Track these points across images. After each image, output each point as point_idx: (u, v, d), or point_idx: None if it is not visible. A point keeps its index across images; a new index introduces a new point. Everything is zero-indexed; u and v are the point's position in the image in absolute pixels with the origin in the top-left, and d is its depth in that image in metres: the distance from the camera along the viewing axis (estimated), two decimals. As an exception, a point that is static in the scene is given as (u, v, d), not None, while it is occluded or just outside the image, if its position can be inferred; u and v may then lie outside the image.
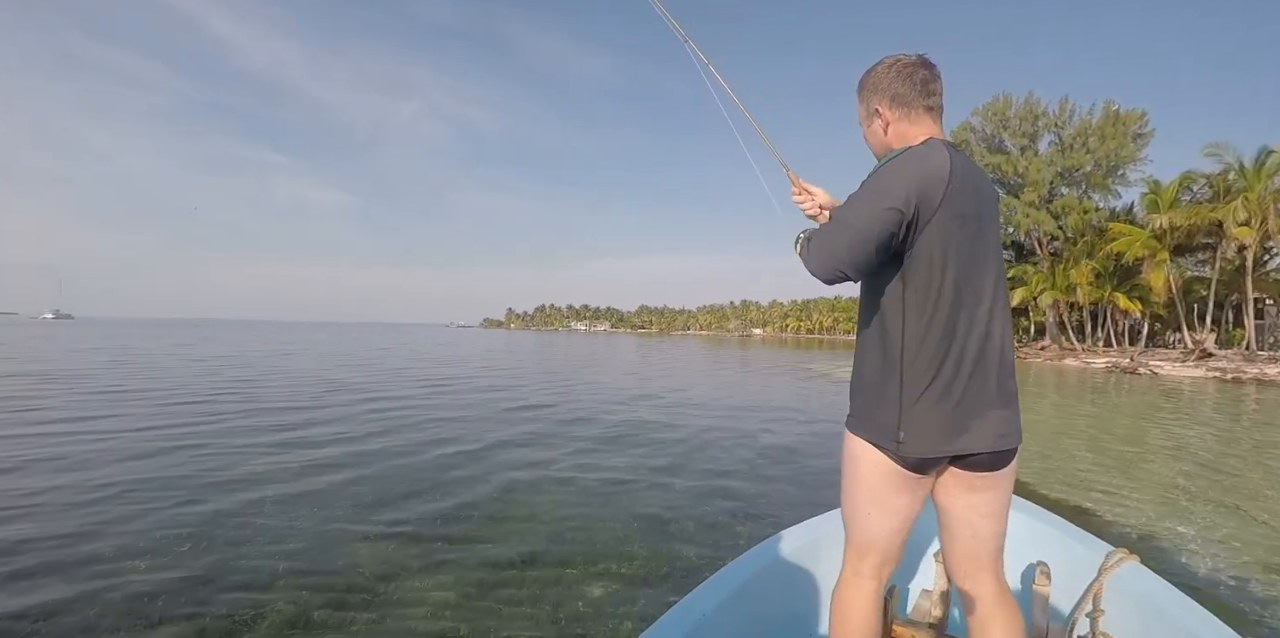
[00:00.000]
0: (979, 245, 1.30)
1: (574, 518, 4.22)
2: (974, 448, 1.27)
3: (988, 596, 1.41)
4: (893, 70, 1.38)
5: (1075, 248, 36.51)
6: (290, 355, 23.65)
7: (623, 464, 5.89)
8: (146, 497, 4.46)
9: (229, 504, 4.31)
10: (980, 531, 1.39)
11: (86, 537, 3.69)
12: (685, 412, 9.93)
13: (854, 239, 1.20)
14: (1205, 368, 23.79)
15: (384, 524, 3.99)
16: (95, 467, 5.35)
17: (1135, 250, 29.87)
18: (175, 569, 3.25)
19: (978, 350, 1.27)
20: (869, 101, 1.41)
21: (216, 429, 7.22)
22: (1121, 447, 7.81)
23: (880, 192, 1.22)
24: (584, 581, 3.23)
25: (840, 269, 1.23)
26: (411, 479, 5.13)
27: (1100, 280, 34.14)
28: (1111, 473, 6.16)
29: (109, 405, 9.04)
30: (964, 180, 1.26)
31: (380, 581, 3.17)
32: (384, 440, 6.80)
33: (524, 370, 18.68)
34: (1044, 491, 5.43)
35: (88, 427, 7.19)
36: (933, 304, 1.25)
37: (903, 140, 1.36)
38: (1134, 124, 35.88)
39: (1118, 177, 37.29)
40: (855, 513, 1.42)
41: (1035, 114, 39.05)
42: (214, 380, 12.96)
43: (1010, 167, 38.84)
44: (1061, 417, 10.90)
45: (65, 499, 4.38)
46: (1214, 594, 3.30)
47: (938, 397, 1.25)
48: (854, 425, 1.39)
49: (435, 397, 11.10)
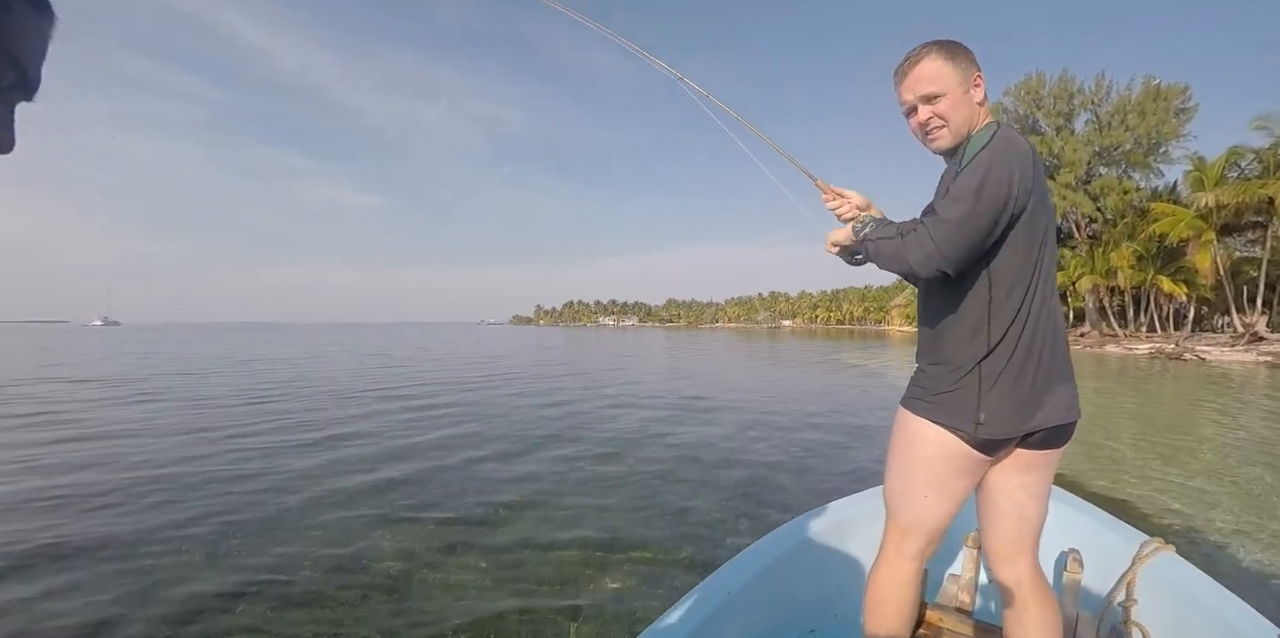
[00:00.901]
0: (1047, 218, 1.30)
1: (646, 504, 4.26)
2: (1048, 423, 1.27)
3: (1025, 580, 1.40)
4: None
5: (1115, 230, 35.39)
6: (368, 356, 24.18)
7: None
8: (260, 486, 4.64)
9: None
10: (1027, 511, 1.39)
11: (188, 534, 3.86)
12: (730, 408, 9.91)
13: (967, 236, 1.17)
14: (1256, 353, 22.83)
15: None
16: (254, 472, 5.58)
17: (1179, 231, 28.80)
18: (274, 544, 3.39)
19: (1049, 326, 1.29)
20: (969, 70, 1.35)
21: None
22: (1165, 436, 7.54)
23: (994, 183, 1.18)
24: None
25: (947, 269, 1.20)
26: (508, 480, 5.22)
27: (1142, 263, 33.03)
28: (1154, 463, 5.95)
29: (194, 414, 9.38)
30: (1036, 161, 1.27)
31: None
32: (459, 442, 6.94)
33: (576, 369, 18.84)
34: (1083, 481, 5.27)
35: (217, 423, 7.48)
36: (1019, 284, 1.26)
37: (978, 120, 1.37)
38: (1176, 99, 34.43)
39: (1159, 154, 35.90)
40: (909, 494, 1.39)
41: (1070, 92, 37.78)
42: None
43: (1045, 147, 37.66)
44: (1102, 405, 10.56)
45: (156, 495, 4.57)
46: (1253, 588, 3.19)
47: (1016, 376, 1.25)
48: (920, 408, 1.35)
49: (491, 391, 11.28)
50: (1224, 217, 27.76)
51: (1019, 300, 1.26)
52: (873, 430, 7.63)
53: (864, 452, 6.36)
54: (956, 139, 1.36)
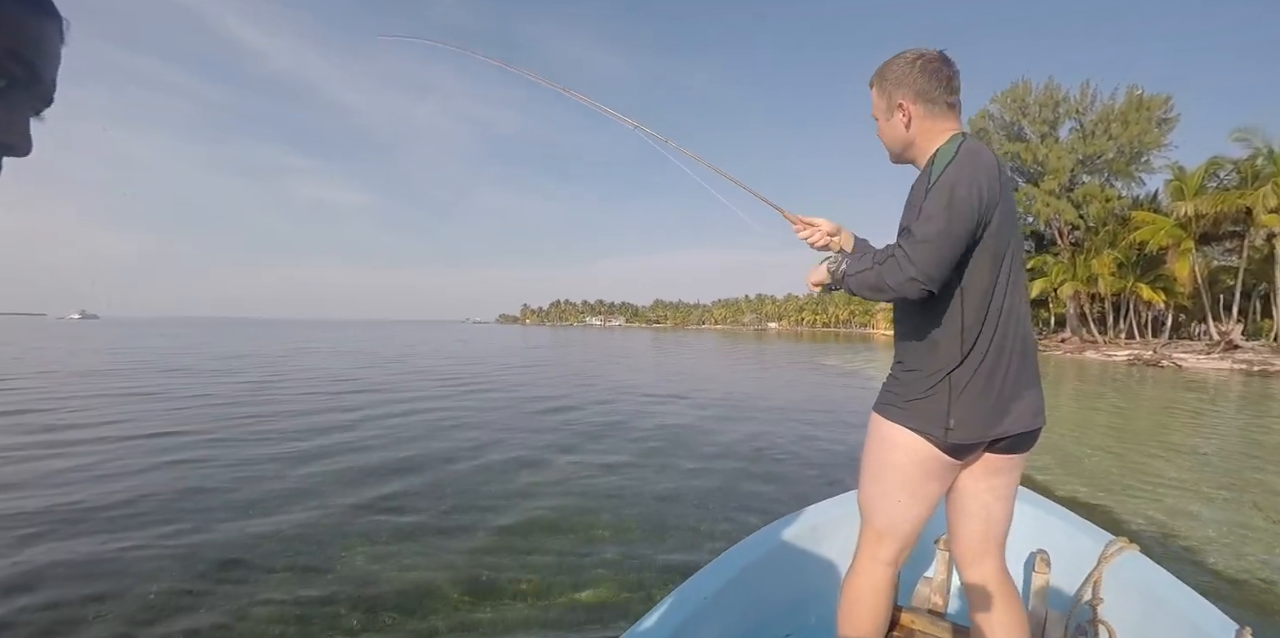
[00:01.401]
0: (1013, 228, 1.33)
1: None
2: (1015, 429, 1.31)
3: (992, 581, 1.44)
4: (917, 66, 1.37)
5: (1097, 237, 35.84)
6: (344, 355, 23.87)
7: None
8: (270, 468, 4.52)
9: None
10: (994, 513, 1.44)
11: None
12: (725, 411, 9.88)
13: (943, 253, 1.20)
14: (1231, 360, 23.24)
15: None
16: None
17: (1159, 239, 29.27)
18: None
19: (1017, 334, 1.32)
20: (891, 95, 1.40)
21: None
22: (1140, 441, 7.62)
23: (962, 200, 1.21)
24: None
25: (930, 287, 1.22)
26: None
27: (1123, 271, 33.48)
28: (1128, 467, 5.99)
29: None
30: (1002, 171, 1.30)
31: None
32: (438, 444, 6.83)
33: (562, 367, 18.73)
34: (1057, 482, 5.30)
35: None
36: (988, 295, 1.29)
37: (926, 135, 1.38)
38: (1158, 109, 34.98)
39: (1141, 163, 36.42)
40: (883, 499, 1.41)
41: (1056, 100, 38.24)
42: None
43: (1030, 154, 38.12)
44: (1080, 410, 10.68)
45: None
46: (1215, 586, 3.25)
47: (984, 384, 1.29)
48: (893, 414, 1.37)
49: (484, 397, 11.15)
50: (1203, 226, 28.26)
51: (988, 311, 1.30)
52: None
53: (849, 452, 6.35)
54: (898, 159, 1.48)
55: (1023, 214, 41.60)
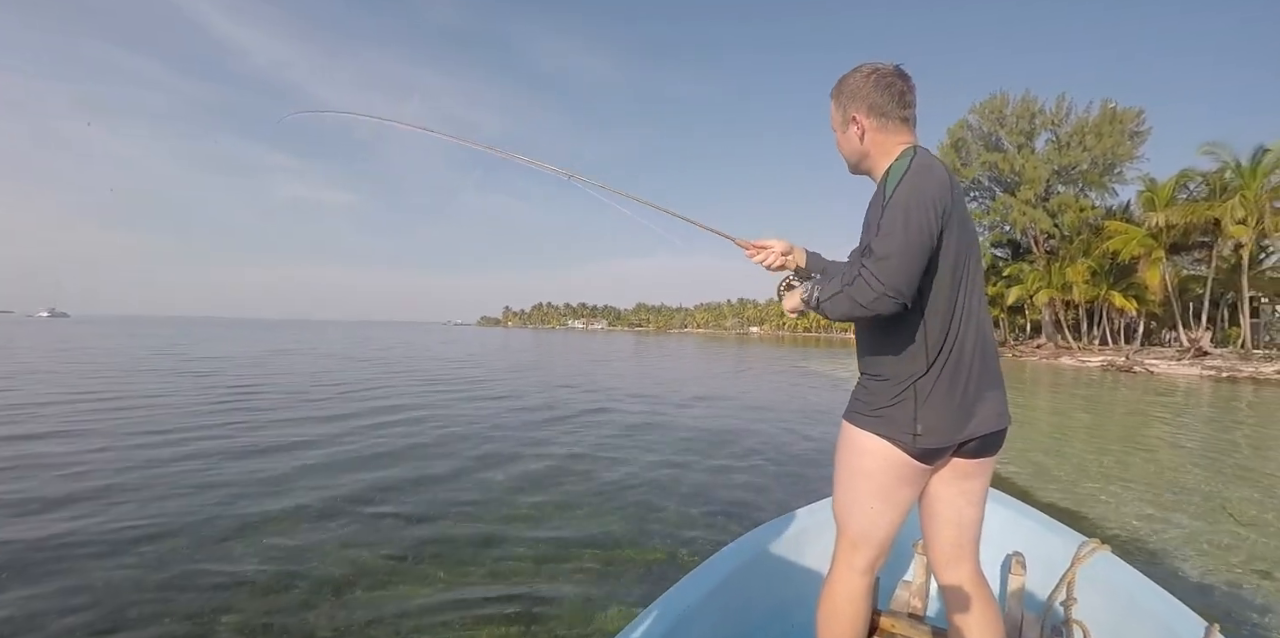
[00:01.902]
0: (969, 237, 1.37)
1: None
2: (980, 431, 1.35)
3: (967, 583, 1.47)
4: (871, 80, 1.40)
5: (1072, 246, 36.47)
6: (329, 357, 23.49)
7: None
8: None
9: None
10: (965, 517, 1.46)
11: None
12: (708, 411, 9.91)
13: (908, 267, 1.22)
14: (1201, 367, 23.80)
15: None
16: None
17: (1131, 248, 29.84)
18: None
19: (976, 338, 1.36)
20: (846, 108, 1.44)
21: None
22: (1113, 445, 7.77)
23: (918, 214, 1.24)
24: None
25: (902, 300, 1.23)
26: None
27: (1096, 278, 34.09)
28: (1101, 471, 6.11)
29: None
30: (952, 178, 1.33)
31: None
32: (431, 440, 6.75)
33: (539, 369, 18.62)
34: (1032, 487, 5.39)
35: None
36: (947, 305, 1.33)
37: (879, 148, 1.42)
38: (1131, 122, 35.87)
39: (1114, 175, 37.29)
40: (857, 507, 1.44)
41: (1032, 112, 39.03)
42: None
43: (1007, 164, 38.82)
44: (1054, 415, 10.88)
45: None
46: (1185, 585, 3.34)
47: (948, 390, 1.32)
48: (862, 421, 1.40)
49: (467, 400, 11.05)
50: (1173, 236, 28.93)
51: (948, 320, 1.33)
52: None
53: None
54: (854, 170, 1.51)
55: (1000, 222, 42.37)
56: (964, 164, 41.66)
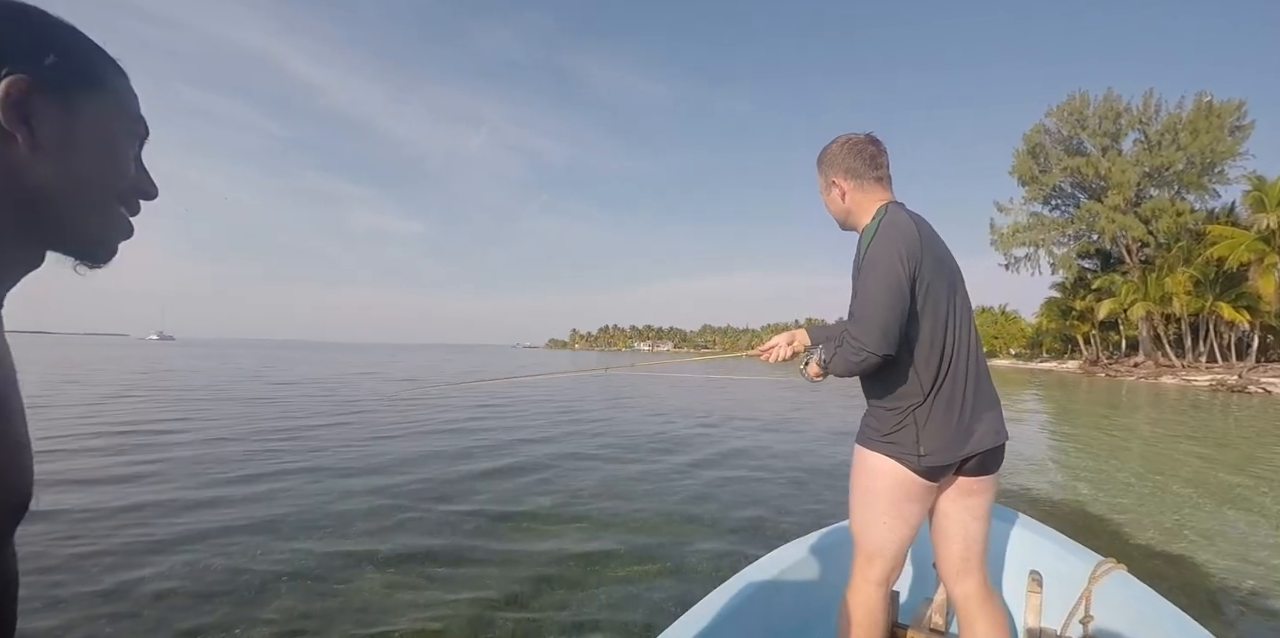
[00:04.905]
0: (948, 274, 1.51)
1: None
2: (979, 448, 1.47)
3: (974, 596, 1.58)
4: (845, 148, 1.60)
5: (1170, 254, 33.94)
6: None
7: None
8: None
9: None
10: (971, 531, 1.58)
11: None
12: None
13: (885, 324, 1.38)
14: (1332, 385, 20.99)
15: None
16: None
17: (1239, 254, 27.40)
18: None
19: (966, 365, 1.50)
20: (827, 174, 1.63)
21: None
22: (1229, 477, 6.63)
23: (887, 271, 1.40)
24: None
25: (884, 353, 1.39)
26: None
27: (1200, 289, 31.55)
28: (1211, 512, 5.10)
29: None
30: (920, 227, 1.49)
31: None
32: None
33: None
34: (1132, 534, 4.41)
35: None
36: (935, 341, 1.46)
37: (859, 206, 1.60)
38: (1231, 115, 32.88)
39: (1215, 174, 34.25)
40: (871, 523, 1.55)
41: (1117, 111, 36.50)
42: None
43: (1091, 168, 36.39)
44: (1155, 443, 9.49)
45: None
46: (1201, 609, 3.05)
47: (944, 414, 1.45)
48: (873, 445, 1.53)
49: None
50: (1289, 239, 26.07)
51: (939, 354, 1.46)
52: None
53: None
54: (843, 227, 1.69)
55: (1085, 231, 39.57)
56: (1042, 171, 39.35)
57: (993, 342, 74.24)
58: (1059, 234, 40.77)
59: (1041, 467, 7.00)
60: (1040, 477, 6.42)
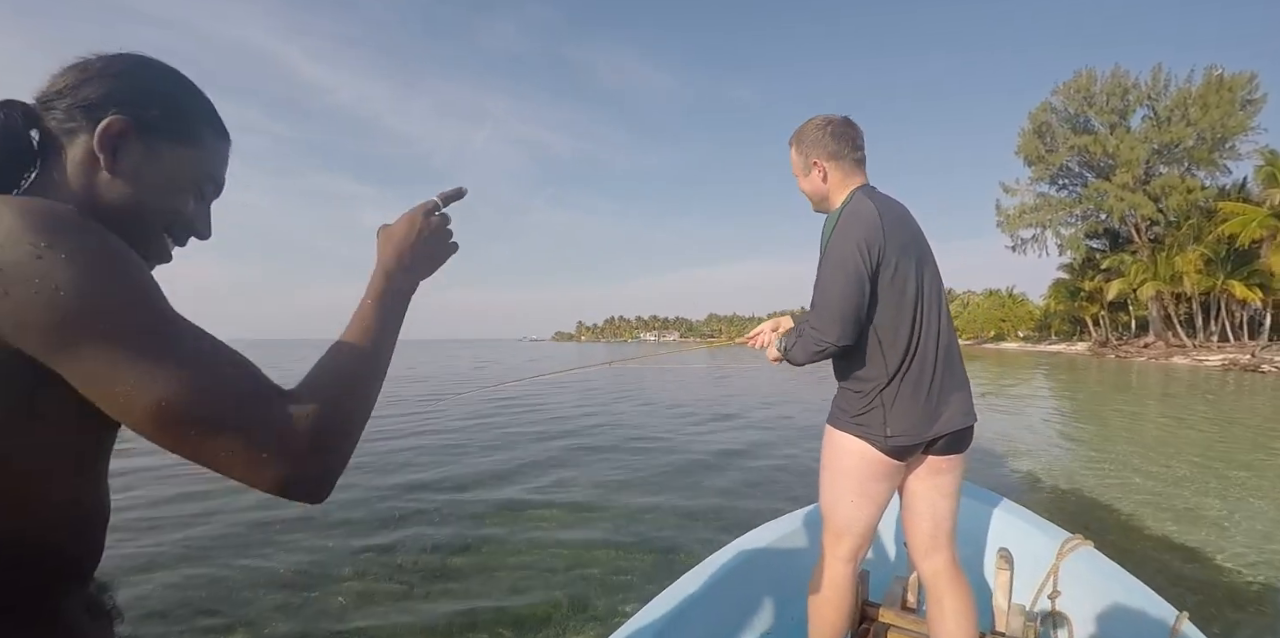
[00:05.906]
0: (917, 257, 1.52)
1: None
2: (946, 430, 1.49)
3: (943, 573, 1.60)
4: (826, 130, 1.59)
5: (1179, 232, 33.32)
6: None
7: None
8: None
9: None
10: (939, 509, 1.60)
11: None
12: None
13: (842, 313, 1.42)
14: (1348, 362, 20.56)
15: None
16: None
17: (1252, 231, 26.73)
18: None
19: (935, 348, 1.50)
20: (808, 155, 1.62)
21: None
22: (1246, 455, 6.36)
23: (842, 262, 1.43)
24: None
25: (842, 343, 1.43)
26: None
27: (1211, 267, 30.95)
28: (1223, 498, 4.84)
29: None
30: (888, 210, 1.51)
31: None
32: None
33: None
34: (1148, 521, 4.10)
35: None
36: (903, 324, 1.48)
37: (836, 189, 1.61)
38: (1242, 89, 32.06)
39: (1225, 150, 33.53)
40: (839, 501, 1.59)
41: (1124, 87, 35.72)
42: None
43: (1099, 147, 35.70)
44: (1167, 425, 9.18)
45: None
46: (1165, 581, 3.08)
47: (912, 395, 1.47)
48: (842, 424, 1.55)
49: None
50: (1303, 214, 25.48)
51: (906, 336, 1.47)
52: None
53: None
54: (818, 208, 1.69)
55: (1093, 211, 38.92)
56: (1049, 150, 38.65)
57: (1000, 325, 73.62)
58: (1066, 214, 40.16)
59: (1032, 449, 6.81)
60: (1028, 460, 6.27)
